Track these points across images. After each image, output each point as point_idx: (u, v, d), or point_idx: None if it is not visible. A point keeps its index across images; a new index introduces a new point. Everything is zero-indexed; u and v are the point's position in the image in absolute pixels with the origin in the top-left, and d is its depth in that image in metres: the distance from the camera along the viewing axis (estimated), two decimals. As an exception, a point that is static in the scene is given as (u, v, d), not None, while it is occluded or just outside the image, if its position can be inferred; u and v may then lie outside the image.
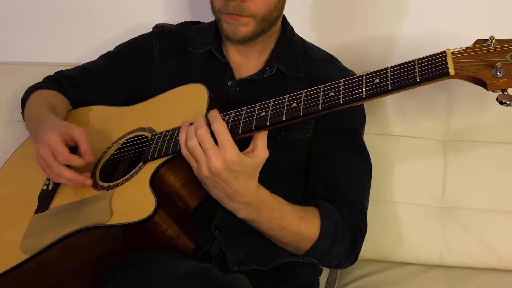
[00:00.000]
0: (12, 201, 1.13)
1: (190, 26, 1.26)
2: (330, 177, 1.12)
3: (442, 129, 1.35)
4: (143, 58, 1.21)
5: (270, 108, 0.91)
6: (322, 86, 0.89)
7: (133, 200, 0.96)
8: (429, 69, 0.80)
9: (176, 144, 0.96)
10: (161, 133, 1.02)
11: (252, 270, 1.03)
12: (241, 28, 1.08)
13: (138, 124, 1.10)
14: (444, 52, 0.81)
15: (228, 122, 0.93)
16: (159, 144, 0.99)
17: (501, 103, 0.77)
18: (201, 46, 1.19)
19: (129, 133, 1.10)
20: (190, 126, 0.92)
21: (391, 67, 0.84)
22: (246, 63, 1.17)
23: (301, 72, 1.16)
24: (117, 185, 1.00)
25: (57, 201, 1.06)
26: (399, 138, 1.36)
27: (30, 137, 1.21)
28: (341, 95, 0.86)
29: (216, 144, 0.89)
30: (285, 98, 0.91)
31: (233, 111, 0.95)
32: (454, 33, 1.36)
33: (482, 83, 0.78)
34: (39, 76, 1.31)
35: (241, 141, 0.94)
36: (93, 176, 1.06)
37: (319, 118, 1.11)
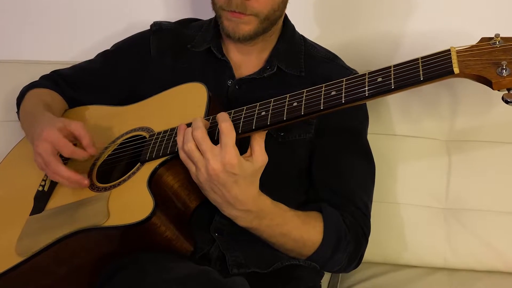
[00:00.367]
0: (7, 202, 1.13)
1: (189, 24, 1.26)
2: (334, 179, 1.11)
3: (446, 129, 1.35)
4: (141, 57, 1.21)
5: (271, 108, 0.91)
6: (324, 85, 0.89)
7: (131, 201, 0.96)
8: (433, 68, 0.80)
9: (175, 145, 0.95)
10: (159, 133, 1.01)
11: (253, 273, 1.03)
12: (243, 27, 1.07)
13: (136, 124, 1.10)
14: (449, 50, 0.80)
15: (228, 122, 0.93)
16: (157, 144, 0.99)
17: (507, 102, 0.77)
18: (200, 44, 1.19)
19: (127, 133, 1.10)
20: (187, 129, 0.92)
21: (394, 66, 0.84)
22: (246, 62, 1.17)
23: (302, 71, 1.16)
24: (114, 186, 1.00)
25: (53, 202, 1.05)
26: (402, 138, 1.35)
27: (26, 137, 1.21)
28: (343, 94, 0.85)
29: (215, 145, 0.89)
30: (286, 97, 0.91)
31: (233, 111, 0.94)
32: (459, 31, 1.36)
33: (487, 82, 0.78)
34: (36, 75, 1.31)
35: (242, 143, 0.93)
36: (90, 177, 1.05)
37: (321, 118, 1.10)
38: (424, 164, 1.35)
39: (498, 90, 0.78)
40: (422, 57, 0.82)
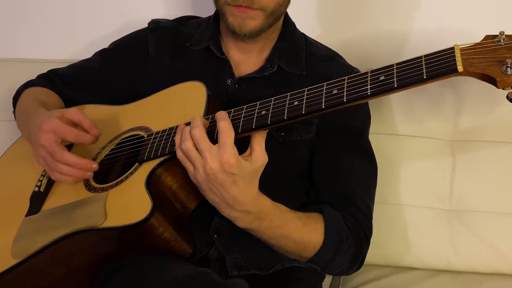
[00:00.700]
0: (2, 203, 1.12)
1: (187, 21, 1.25)
2: (335, 180, 1.11)
3: (450, 129, 1.35)
4: (139, 55, 1.21)
5: (271, 107, 0.91)
6: (325, 84, 0.89)
7: (128, 202, 0.95)
8: (437, 66, 0.80)
9: (173, 144, 0.95)
10: (158, 133, 1.01)
11: (252, 275, 1.02)
12: (249, 22, 1.07)
13: (134, 124, 1.10)
14: (452, 48, 0.80)
15: (227, 121, 0.93)
16: (156, 144, 0.99)
17: (512, 101, 0.77)
18: (199, 42, 1.19)
19: (125, 133, 1.10)
20: (185, 127, 0.92)
21: (397, 64, 0.84)
22: (246, 60, 1.17)
23: (303, 70, 1.16)
24: (112, 187, 1.00)
25: (49, 203, 1.05)
26: (405, 138, 1.35)
27: (22, 137, 1.21)
28: (345, 93, 0.85)
29: (214, 144, 0.88)
30: (287, 96, 0.91)
31: (233, 110, 0.94)
32: (463, 29, 1.35)
33: (492, 80, 0.78)
34: (32, 74, 1.31)
35: (241, 143, 0.93)
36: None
37: (322, 118, 1.10)
38: (427, 165, 1.35)
39: (503, 89, 0.78)
40: (426, 55, 0.82)
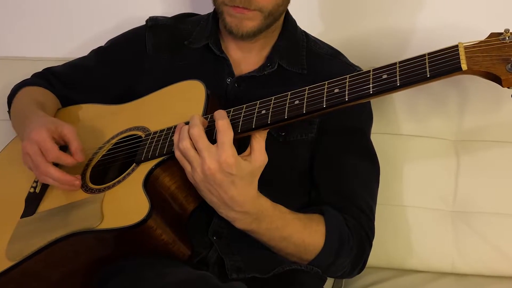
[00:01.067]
0: (-3, 205, 1.13)
1: (186, 19, 1.25)
2: (337, 181, 1.11)
3: (454, 128, 1.35)
4: (136, 53, 1.21)
5: (271, 106, 0.91)
6: (327, 83, 0.89)
7: (126, 203, 0.96)
8: (440, 64, 0.80)
9: (171, 144, 0.95)
10: (156, 133, 1.01)
11: (252, 278, 1.02)
12: (247, 23, 1.07)
13: (131, 123, 1.10)
14: (456, 46, 0.80)
15: (227, 121, 0.93)
16: (153, 144, 0.99)
17: (517, 100, 0.77)
18: (198, 40, 1.19)
19: (122, 133, 1.10)
20: (184, 126, 0.92)
21: (400, 62, 0.84)
22: (246, 59, 1.17)
23: (304, 69, 1.16)
24: (109, 188, 1.00)
25: (45, 205, 1.05)
26: (409, 138, 1.35)
27: (17, 137, 1.21)
28: (347, 92, 0.85)
29: (213, 144, 0.88)
30: (287, 95, 0.91)
31: (232, 109, 0.94)
32: (467, 26, 1.35)
33: (497, 79, 0.78)
34: (27, 72, 1.31)
35: (241, 143, 0.93)
36: (83, 178, 1.05)
37: (324, 117, 1.10)
38: (431, 165, 1.35)
39: (508, 88, 0.78)
40: (429, 53, 0.82)
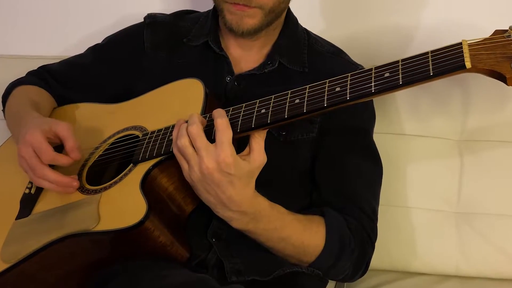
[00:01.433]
0: (-8, 206, 1.12)
1: (185, 16, 1.25)
2: (339, 181, 1.11)
3: (458, 128, 1.35)
4: (134, 51, 1.21)
5: (271, 105, 0.91)
6: (328, 81, 0.89)
7: (123, 205, 0.96)
8: (444, 62, 0.79)
9: (169, 144, 0.95)
10: (153, 132, 1.01)
11: (252, 281, 1.02)
12: (247, 20, 1.07)
13: (129, 123, 1.10)
14: (460, 44, 0.80)
15: (226, 120, 0.92)
16: (151, 144, 0.99)
17: (522, 99, 0.77)
18: (197, 38, 1.19)
19: (119, 132, 1.10)
20: (183, 124, 0.92)
21: (402, 60, 0.84)
22: (246, 57, 1.17)
23: (305, 67, 1.16)
24: (105, 189, 1.00)
25: (40, 206, 1.05)
26: (411, 138, 1.35)
27: (11, 137, 1.21)
28: (348, 90, 0.85)
29: (211, 143, 0.88)
30: (288, 94, 0.91)
31: (231, 108, 0.94)
32: (471, 23, 1.35)
33: (501, 77, 0.78)
34: (22, 70, 1.31)
35: (240, 143, 0.93)
36: (80, 179, 1.05)
37: (325, 116, 1.10)
38: (434, 166, 1.35)
39: (513, 86, 0.78)
40: (432, 51, 0.82)
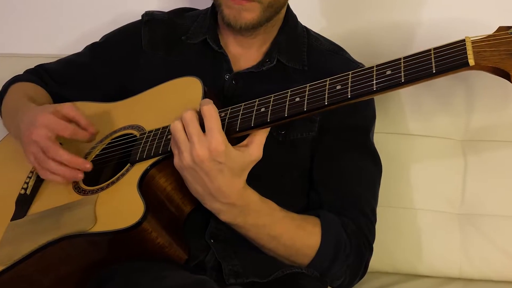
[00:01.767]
0: (-14, 207, 1.12)
1: (183, 14, 1.25)
2: (338, 180, 1.11)
3: (461, 127, 1.35)
4: (132, 49, 1.21)
5: (271, 104, 0.91)
6: (328, 79, 0.89)
7: (120, 205, 0.95)
8: (447, 59, 0.79)
9: (167, 144, 0.95)
10: (151, 132, 1.01)
11: (251, 283, 1.02)
12: (245, 14, 1.06)
13: (126, 122, 1.10)
14: (463, 40, 0.80)
15: (225, 119, 0.93)
16: (149, 144, 0.99)
17: (527, 97, 0.77)
18: (196, 36, 1.19)
19: (116, 132, 1.10)
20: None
21: (405, 58, 0.84)
22: (246, 55, 1.17)
23: (305, 65, 1.16)
24: (102, 189, 0.99)
25: (36, 207, 1.05)
26: (413, 137, 1.35)
27: (8, 136, 1.21)
28: (349, 89, 0.85)
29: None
30: (288, 93, 0.91)
31: (230, 107, 0.94)
32: (474, 20, 1.35)
33: (506, 75, 0.78)
34: (19, 69, 1.31)
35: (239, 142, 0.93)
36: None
37: (325, 115, 1.10)
38: (437, 166, 1.35)
39: (517, 84, 0.78)
40: (435, 48, 0.82)
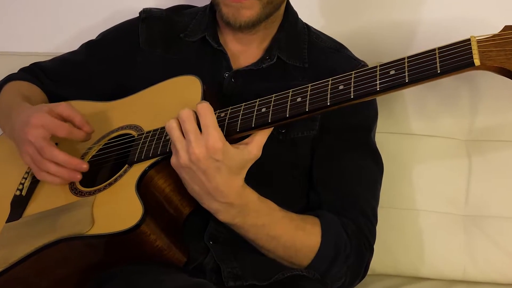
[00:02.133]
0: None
1: (181, 11, 1.25)
2: (339, 180, 1.11)
3: (466, 127, 1.35)
4: (129, 47, 1.21)
5: (272, 104, 0.91)
6: (331, 79, 0.89)
7: (117, 207, 0.95)
8: (452, 59, 0.79)
9: (166, 144, 0.95)
10: (149, 132, 1.01)
11: (251, 286, 1.02)
12: (244, 12, 1.06)
13: (123, 122, 1.10)
14: (469, 40, 0.80)
15: (225, 120, 0.93)
16: (147, 144, 0.99)
17: (533, 98, 0.77)
18: (194, 33, 1.19)
19: (113, 132, 1.10)
20: None
21: (409, 57, 0.84)
22: (245, 52, 1.17)
23: (306, 62, 1.16)
24: (100, 190, 0.99)
25: (32, 209, 1.05)
26: (417, 137, 1.35)
27: (2, 136, 1.21)
28: (352, 89, 0.85)
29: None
30: (289, 93, 0.91)
31: (230, 108, 0.94)
32: (480, 19, 1.35)
33: (511, 75, 0.77)
34: (14, 67, 1.31)
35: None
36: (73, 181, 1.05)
37: (326, 114, 1.10)
38: (441, 166, 1.35)
39: (524, 84, 0.78)
40: (439, 48, 0.82)
